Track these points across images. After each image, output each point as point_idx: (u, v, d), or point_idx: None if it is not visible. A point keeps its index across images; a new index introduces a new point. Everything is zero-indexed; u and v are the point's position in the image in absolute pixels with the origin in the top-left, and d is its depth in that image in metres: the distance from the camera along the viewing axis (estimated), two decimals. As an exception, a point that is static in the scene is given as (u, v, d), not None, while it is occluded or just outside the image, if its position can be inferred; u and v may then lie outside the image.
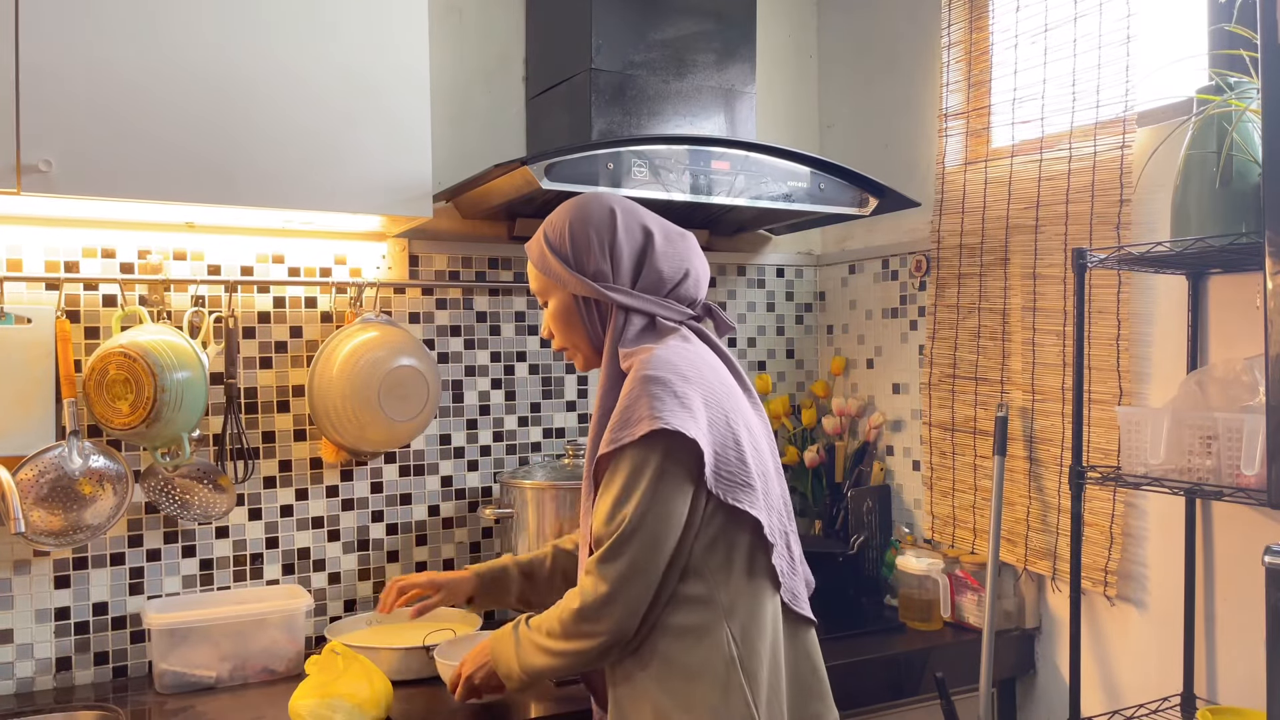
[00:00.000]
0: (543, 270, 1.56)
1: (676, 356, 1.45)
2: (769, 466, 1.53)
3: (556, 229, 1.55)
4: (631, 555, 1.38)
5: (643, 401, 1.39)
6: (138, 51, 1.73)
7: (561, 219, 1.55)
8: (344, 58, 1.89)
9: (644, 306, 1.52)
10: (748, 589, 1.45)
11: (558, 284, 1.55)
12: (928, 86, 2.47)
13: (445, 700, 1.85)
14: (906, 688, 2.10)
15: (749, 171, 2.10)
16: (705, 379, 1.46)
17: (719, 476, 1.43)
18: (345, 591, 2.24)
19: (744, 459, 1.45)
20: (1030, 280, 2.16)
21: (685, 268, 1.56)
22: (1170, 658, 1.92)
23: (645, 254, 1.53)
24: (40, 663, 1.97)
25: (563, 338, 1.60)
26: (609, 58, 2.19)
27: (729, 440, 1.45)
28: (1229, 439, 1.59)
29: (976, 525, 2.29)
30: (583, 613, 1.41)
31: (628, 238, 1.53)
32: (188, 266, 2.10)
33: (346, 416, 2.08)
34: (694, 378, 1.44)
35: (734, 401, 1.50)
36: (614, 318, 1.52)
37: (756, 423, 1.55)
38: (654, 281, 1.53)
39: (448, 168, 2.29)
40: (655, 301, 1.53)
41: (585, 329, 1.56)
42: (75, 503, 1.90)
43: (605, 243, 1.52)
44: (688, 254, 1.57)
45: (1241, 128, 1.61)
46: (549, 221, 1.58)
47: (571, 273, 1.52)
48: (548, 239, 1.56)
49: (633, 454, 1.39)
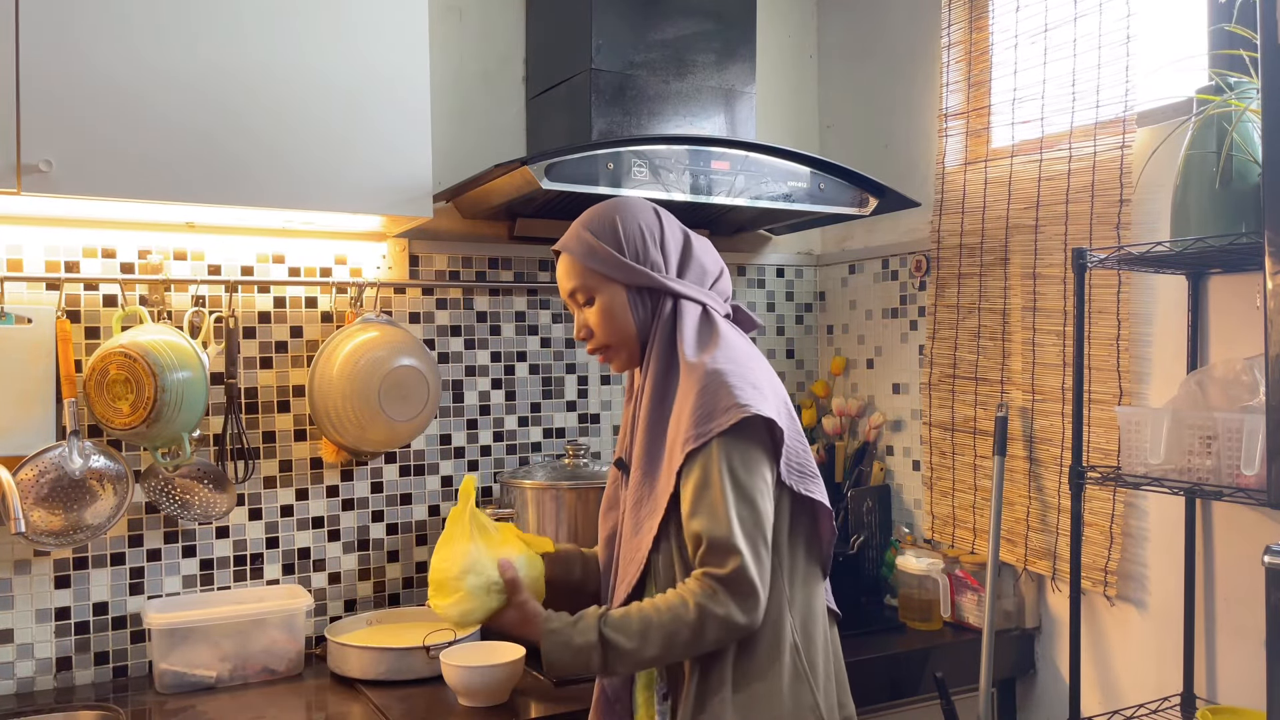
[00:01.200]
0: (591, 264, 1.54)
1: (737, 350, 1.49)
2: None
3: (604, 224, 1.55)
4: (755, 544, 1.38)
5: (723, 391, 1.41)
6: (138, 52, 1.73)
7: (606, 215, 1.56)
8: (344, 58, 1.90)
9: (697, 295, 1.54)
10: (806, 579, 1.50)
11: (607, 278, 1.54)
12: (928, 86, 2.47)
13: (445, 700, 1.85)
14: (906, 688, 2.10)
15: (749, 171, 2.10)
16: (765, 368, 1.52)
17: (789, 467, 1.47)
18: (345, 591, 2.24)
19: (806, 449, 1.51)
20: (1030, 280, 2.16)
21: (721, 265, 1.61)
22: (1170, 658, 1.92)
23: (688, 247, 1.57)
24: (40, 663, 1.97)
25: (607, 335, 1.56)
26: (609, 58, 2.19)
27: (793, 430, 1.49)
28: (1229, 439, 1.59)
29: (976, 525, 2.29)
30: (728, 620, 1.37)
31: (672, 232, 1.57)
32: (188, 266, 2.11)
33: (347, 416, 2.08)
34: (756, 368, 1.48)
35: (786, 394, 1.55)
36: (664, 308, 1.53)
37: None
38: (699, 273, 1.56)
39: (448, 168, 2.29)
40: (703, 292, 1.56)
41: (635, 322, 1.54)
42: (75, 503, 1.90)
43: (656, 235, 1.55)
44: (716, 254, 1.63)
45: (1241, 128, 1.61)
46: (589, 221, 1.57)
47: (626, 261, 1.52)
48: (594, 233, 1.55)
49: (725, 444, 1.40)
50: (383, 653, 1.93)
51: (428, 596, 1.56)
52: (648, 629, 1.40)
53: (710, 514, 1.38)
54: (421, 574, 2.31)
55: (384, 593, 2.28)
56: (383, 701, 1.84)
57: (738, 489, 1.39)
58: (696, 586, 1.39)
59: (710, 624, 1.37)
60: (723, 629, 1.37)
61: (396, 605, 2.28)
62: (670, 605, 1.40)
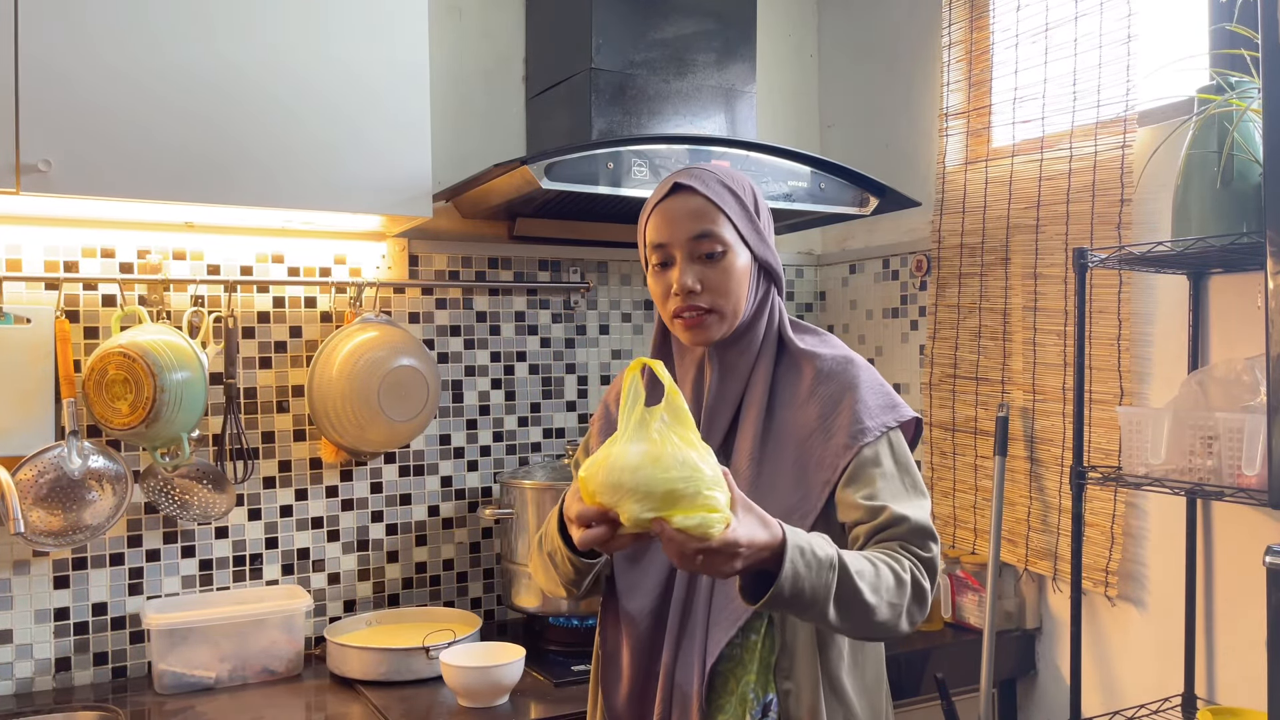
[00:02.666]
0: (740, 221, 1.39)
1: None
2: None
3: (743, 188, 1.42)
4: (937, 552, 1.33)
5: (887, 389, 1.39)
6: (137, 51, 1.73)
7: (743, 182, 1.43)
8: (344, 57, 1.89)
9: (782, 290, 1.48)
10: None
11: (743, 239, 1.38)
12: (928, 86, 2.46)
13: (445, 700, 1.85)
14: (907, 688, 2.09)
15: (749, 171, 2.09)
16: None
17: None
18: (345, 591, 2.24)
19: None
20: (1031, 280, 2.16)
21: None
22: (1171, 658, 1.92)
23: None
24: (40, 663, 1.97)
25: (722, 298, 1.36)
26: (609, 57, 2.19)
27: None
28: (1230, 439, 1.59)
29: (977, 525, 2.29)
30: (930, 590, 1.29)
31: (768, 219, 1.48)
32: (187, 266, 2.10)
33: (346, 416, 2.08)
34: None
35: None
36: (771, 294, 1.44)
37: None
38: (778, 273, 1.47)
39: (448, 167, 2.28)
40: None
41: (749, 297, 1.40)
42: (75, 503, 1.90)
43: (770, 221, 1.47)
44: None
45: (1242, 127, 1.61)
46: (729, 176, 1.42)
47: (764, 236, 1.42)
48: (740, 196, 1.40)
49: (901, 438, 1.37)
50: (382, 653, 1.93)
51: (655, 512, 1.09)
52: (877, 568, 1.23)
53: (908, 499, 1.32)
54: (420, 574, 2.31)
55: (383, 593, 2.28)
56: (382, 702, 1.84)
57: (920, 486, 1.36)
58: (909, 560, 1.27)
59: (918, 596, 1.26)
60: (921, 606, 1.27)
61: (396, 606, 2.28)
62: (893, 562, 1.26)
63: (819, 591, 1.17)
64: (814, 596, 1.17)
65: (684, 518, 1.09)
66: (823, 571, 1.17)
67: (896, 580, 1.24)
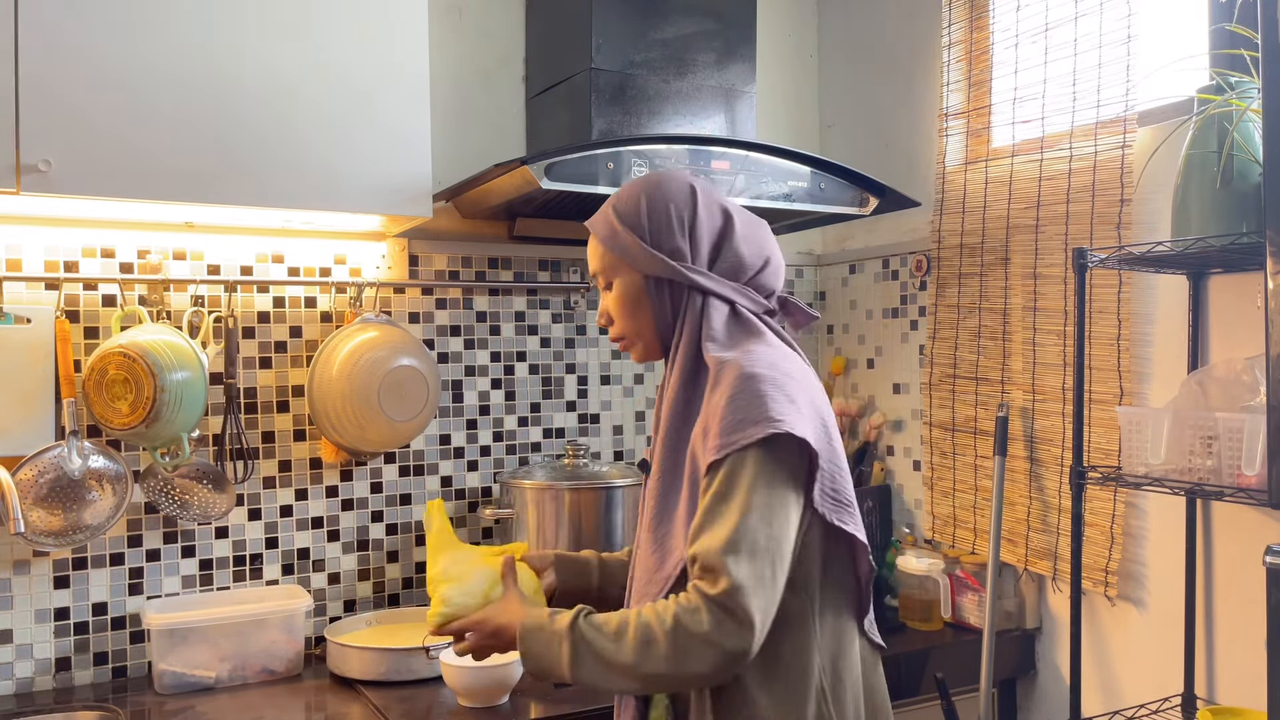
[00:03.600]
0: (611, 246, 1.41)
1: (779, 356, 1.34)
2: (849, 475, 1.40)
3: (629, 203, 1.41)
4: (760, 568, 1.21)
5: (756, 402, 1.26)
6: (137, 51, 1.73)
7: (634, 193, 1.41)
8: (344, 58, 1.89)
9: (724, 291, 1.38)
10: (838, 619, 1.34)
11: (627, 263, 1.40)
12: (928, 86, 2.47)
13: (445, 700, 1.85)
14: (907, 688, 2.09)
15: (749, 171, 2.09)
16: (805, 381, 1.34)
17: (824, 493, 1.31)
18: (345, 591, 2.24)
19: (845, 473, 1.35)
20: (1031, 280, 2.16)
21: (767, 255, 1.43)
22: (1171, 658, 1.92)
23: (725, 236, 1.41)
24: (40, 663, 1.97)
25: (625, 324, 1.43)
26: (609, 57, 2.19)
27: (829, 452, 1.32)
28: (1230, 439, 1.59)
29: (977, 525, 2.29)
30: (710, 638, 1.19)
31: (708, 216, 1.40)
32: (187, 266, 2.10)
33: (346, 416, 2.08)
34: (796, 377, 1.32)
35: (828, 410, 1.37)
36: (689, 303, 1.38)
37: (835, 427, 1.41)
38: (733, 266, 1.40)
39: (448, 168, 2.28)
40: (734, 287, 1.40)
41: (654, 314, 1.41)
42: (75, 503, 1.90)
43: (685, 219, 1.39)
44: (766, 240, 1.45)
45: (1242, 127, 1.61)
46: (618, 196, 1.43)
47: (646, 249, 1.38)
48: (618, 213, 1.41)
49: (752, 459, 1.24)
50: (382, 653, 1.93)
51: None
52: (623, 631, 1.25)
53: (713, 530, 1.23)
54: (421, 574, 2.31)
55: (384, 593, 2.28)
56: (382, 702, 1.84)
57: (753, 510, 1.23)
58: (682, 599, 1.23)
59: (689, 642, 1.20)
60: (704, 650, 1.19)
61: (396, 605, 2.28)
62: (655, 612, 1.24)
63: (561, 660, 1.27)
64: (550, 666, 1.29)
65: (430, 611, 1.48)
66: (554, 641, 1.28)
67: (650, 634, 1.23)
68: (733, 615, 1.19)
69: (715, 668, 1.21)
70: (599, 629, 1.27)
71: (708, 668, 1.21)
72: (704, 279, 1.38)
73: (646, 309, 1.41)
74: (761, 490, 1.24)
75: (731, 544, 1.21)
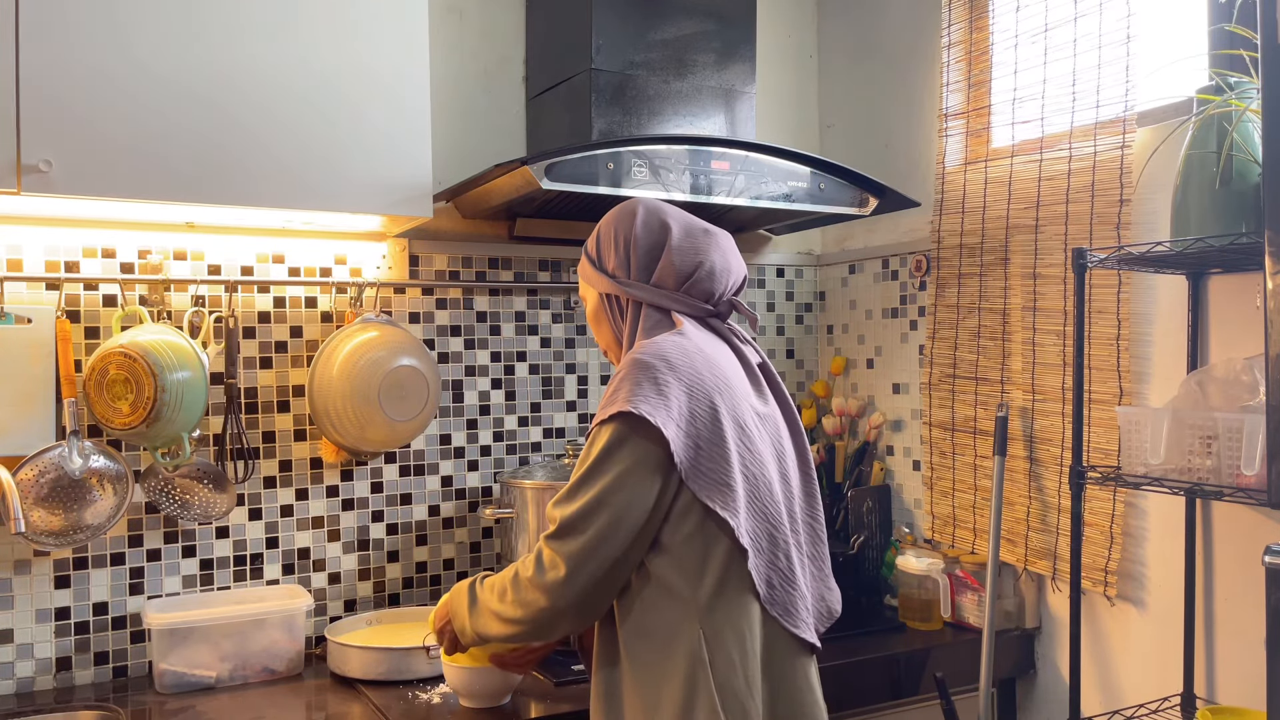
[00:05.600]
0: (579, 271, 1.63)
1: (669, 345, 1.43)
2: (768, 467, 1.46)
3: (594, 232, 1.61)
4: (590, 534, 1.37)
5: (624, 387, 1.39)
6: (138, 52, 1.73)
7: (601, 220, 1.61)
8: (344, 58, 1.89)
9: (658, 300, 1.52)
10: (724, 591, 1.40)
11: (588, 284, 1.60)
12: (928, 86, 2.47)
13: (446, 700, 1.85)
14: (906, 688, 2.09)
15: (749, 171, 2.10)
16: (695, 369, 1.42)
17: (696, 471, 1.38)
18: (345, 591, 2.24)
19: (726, 456, 1.40)
20: (1030, 280, 2.16)
21: (699, 260, 1.52)
22: (1170, 658, 1.92)
23: (661, 248, 1.53)
24: (40, 663, 1.97)
25: (597, 337, 1.64)
26: (609, 58, 2.19)
27: (711, 435, 1.40)
28: (1229, 439, 1.59)
29: (976, 525, 2.29)
30: (535, 581, 1.40)
31: (645, 232, 1.54)
32: (188, 266, 2.10)
33: (346, 416, 2.08)
34: (681, 366, 1.41)
35: (730, 396, 1.44)
36: (631, 313, 1.54)
37: (756, 420, 1.48)
38: (668, 275, 1.52)
39: (448, 168, 2.29)
40: (669, 296, 1.52)
41: (611, 327, 1.58)
42: (75, 503, 1.90)
43: (624, 238, 1.55)
44: (706, 248, 1.54)
45: (1242, 128, 1.61)
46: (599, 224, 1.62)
47: (596, 271, 1.57)
48: (587, 243, 1.62)
49: (605, 434, 1.39)
50: (383, 653, 1.93)
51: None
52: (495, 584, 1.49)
53: (562, 491, 1.41)
54: (421, 574, 2.32)
55: (384, 593, 2.28)
56: (383, 701, 1.84)
57: (594, 475, 1.38)
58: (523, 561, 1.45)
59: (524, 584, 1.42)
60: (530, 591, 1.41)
61: (396, 605, 2.28)
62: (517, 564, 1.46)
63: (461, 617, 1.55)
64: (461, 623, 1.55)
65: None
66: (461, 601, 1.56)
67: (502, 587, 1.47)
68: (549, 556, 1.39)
69: (544, 610, 1.40)
70: (489, 586, 1.51)
71: (538, 610, 1.41)
72: (639, 290, 1.53)
73: (605, 322, 1.59)
74: (608, 460, 1.38)
75: (566, 497, 1.40)
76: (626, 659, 1.42)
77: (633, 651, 1.42)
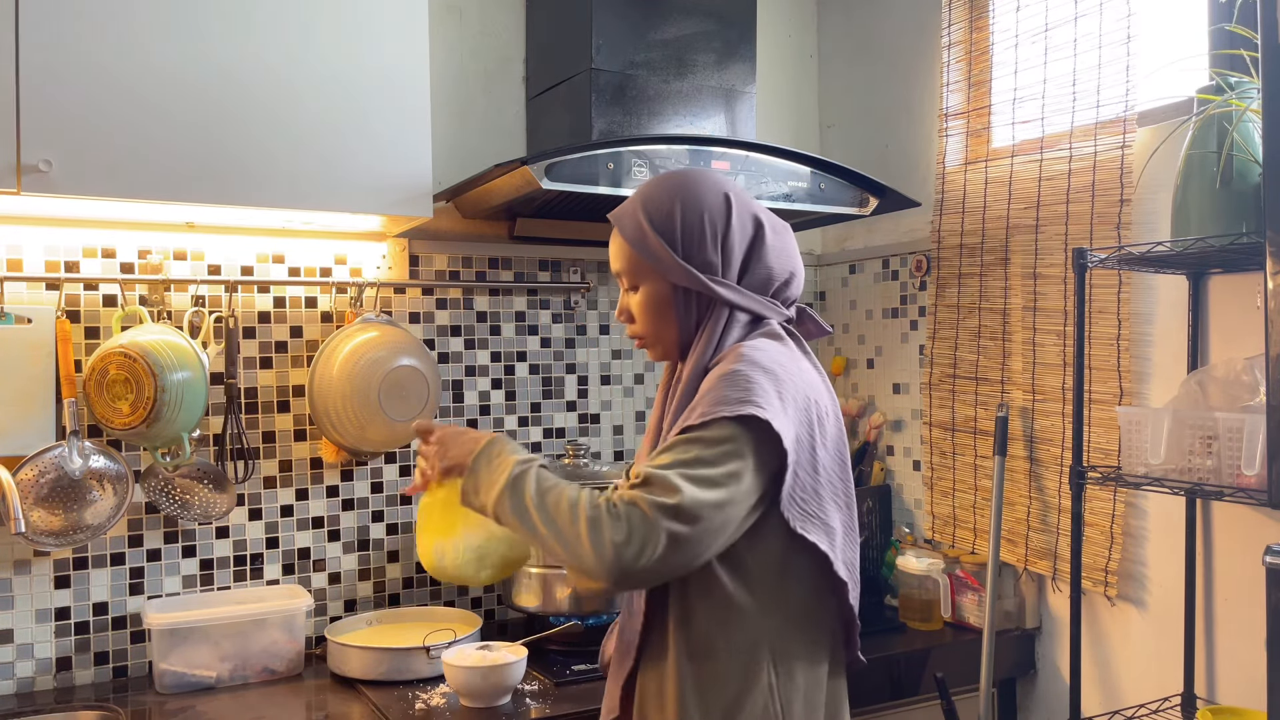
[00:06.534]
0: (642, 252, 1.38)
1: (780, 354, 1.33)
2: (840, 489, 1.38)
3: (663, 209, 1.37)
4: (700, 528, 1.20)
5: (746, 385, 1.25)
6: (138, 51, 1.73)
7: (669, 198, 1.38)
8: (344, 58, 1.89)
9: (751, 305, 1.37)
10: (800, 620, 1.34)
11: (656, 270, 1.38)
12: (928, 86, 2.47)
13: (446, 700, 1.85)
14: (907, 688, 2.10)
15: (749, 171, 2.10)
16: (799, 389, 1.31)
17: (792, 499, 1.29)
18: (345, 591, 2.24)
19: (818, 483, 1.32)
20: (1030, 280, 2.16)
21: (792, 268, 1.42)
22: (1170, 658, 1.92)
23: (755, 247, 1.39)
24: (40, 663, 1.97)
25: (647, 326, 1.42)
26: (609, 58, 2.19)
27: (809, 460, 1.31)
28: (1229, 439, 1.59)
29: (977, 525, 2.29)
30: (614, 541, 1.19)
31: (740, 229, 1.38)
32: (188, 266, 2.10)
33: (347, 416, 2.08)
34: (799, 384, 1.31)
35: (823, 419, 1.35)
36: (714, 314, 1.37)
37: (838, 439, 1.39)
38: (762, 279, 1.39)
39: (448, 168, 2.29)
40: (761, 301, 1.39)
41: (678, 322, 1.39)
42: (75, 503, 1.90)
43: (719, 233, 1.37)
44: (794, 251, 1.44)
45: (1242, 128, 1.61)
46: (650, 198, 1.39)
47: (678, 261, 1.36)
48: (650, 218, 1.37)
49: (727, 430, 1.24)
50: (383, 653, 1.93)
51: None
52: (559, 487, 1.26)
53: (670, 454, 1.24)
54: (421, 574, 2.31)
55: (384, 593, 2.28)
56: (383, 702, 1.84)
57: (713, 460, 1.22)
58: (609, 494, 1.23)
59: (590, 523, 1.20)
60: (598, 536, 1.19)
61: (396, 605, 2.28)
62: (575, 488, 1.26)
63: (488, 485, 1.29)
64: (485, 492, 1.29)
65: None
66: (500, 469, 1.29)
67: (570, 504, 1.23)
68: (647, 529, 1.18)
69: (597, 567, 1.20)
70: (540, 480, 1.28)
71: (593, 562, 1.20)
72: (732, 294, 1.37)
73: (671, 317, 1.40)
74: (727, 452, 1.23)
75: (701, 481, 1.21)
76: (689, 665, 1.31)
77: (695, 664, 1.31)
